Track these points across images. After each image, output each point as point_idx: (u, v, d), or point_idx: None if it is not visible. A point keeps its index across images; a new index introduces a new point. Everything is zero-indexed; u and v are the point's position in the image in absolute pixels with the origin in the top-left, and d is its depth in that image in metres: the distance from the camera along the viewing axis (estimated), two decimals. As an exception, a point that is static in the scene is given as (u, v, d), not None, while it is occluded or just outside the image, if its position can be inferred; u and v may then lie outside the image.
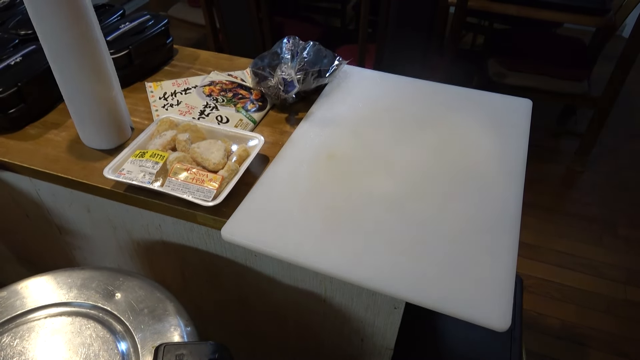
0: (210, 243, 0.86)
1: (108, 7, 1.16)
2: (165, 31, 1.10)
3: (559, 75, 1.94)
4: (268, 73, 0.92)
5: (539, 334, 1.48)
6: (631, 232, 1.80)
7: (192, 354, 0.61)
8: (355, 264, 0.66)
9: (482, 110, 0.94)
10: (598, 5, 1.72)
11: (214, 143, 0.80)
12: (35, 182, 0.93)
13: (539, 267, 1.68)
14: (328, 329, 0.91)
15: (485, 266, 0.66)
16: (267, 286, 0.88)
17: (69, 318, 0.70)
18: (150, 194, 0.79)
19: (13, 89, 0.89)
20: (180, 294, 0.78)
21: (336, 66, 0.97)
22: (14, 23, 1.09)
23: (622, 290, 1.60)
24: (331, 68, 0.96)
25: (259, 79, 0.95)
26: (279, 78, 0.89)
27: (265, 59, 0.95)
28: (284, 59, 0.92)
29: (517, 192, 0.76)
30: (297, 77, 0.89)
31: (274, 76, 0.90)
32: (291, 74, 0.88)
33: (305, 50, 0.94)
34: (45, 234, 1.08)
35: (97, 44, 0.78)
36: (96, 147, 0.88)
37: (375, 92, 1.00)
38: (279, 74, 0.89)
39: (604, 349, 1.44)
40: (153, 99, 0.99)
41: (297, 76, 0.89)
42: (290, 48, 0.94)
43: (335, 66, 0.97)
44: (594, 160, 2.12)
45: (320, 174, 0.80)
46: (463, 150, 0.85)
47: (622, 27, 2.77)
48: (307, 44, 0.96)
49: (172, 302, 0.73)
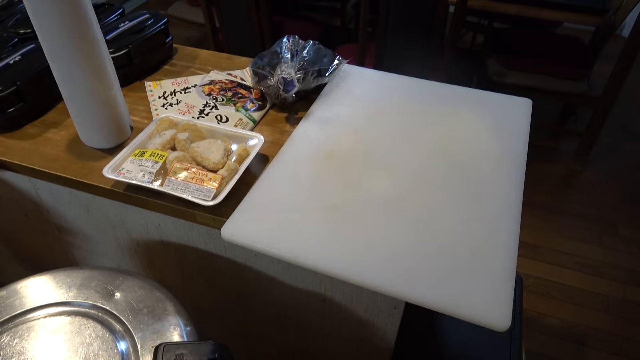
0: (209, 243, 0.86)
1: (107, 6, 1.16)
2: (164, 30, 1.09)
3: (559, 74, 1.94)
4: (268, 72, 0.92)
5: (539, 333, 1.48)
6: (631, 231, 1.80)
7: (191, 353, 0.61)
8: (355, 264, 0.66)
9: (482, 109, 0.94)
10: (598, 5, 1.72)
11: (214, 142, 0.80)
12: (35, 181, 0.92)
13: (539, 267, 1.68)
14: (328, 329, 0.91)
15: (485, 266, 0.66)
16: (267, 286, 0.88)
17: (69, 317, 0.70)
18: (149, 194, 0.79)
19: (12, 88, 0.88)
20: (180, 293, 0.78)
21: (336, 65, 0.97)
22: (13, 22, 1.09)
23: (621, 289, 1.60)
24: (331, 67, 0.96)
25: (258, 78, 0.94)
26: (279, 77, 0.89)
27: (265, 58, 0.95)
28: (283, 59, 0.92)
29: (517, 192, 0.76)
30: (297, 76, 0.89)
31: (273, 75, 0.90)
32: (291, 73, 0.88)
33: (305, 49, 0.94)
34: (44, 234, 1.08)
35: (96, 43, 0.77)
36: (95, 146, 0.88)
37: (375, 92, 1.00)
38: (279, 73, 0.88)
39: (604, 349, 1.44)
40: (152, 98, 0.99)
41: (297, 75, 0.89)
42: (290, 47, 0.94)
43: (335, 65, 0.97)
44: (593, 160, 2.12)
45: (320, 174, 0.80)
46: (463, 149, 0.85)
47: (621, 27, 2.77)
48: (307, 43, 0.96)
49: (172, 301, 0.72)
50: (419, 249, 0.68)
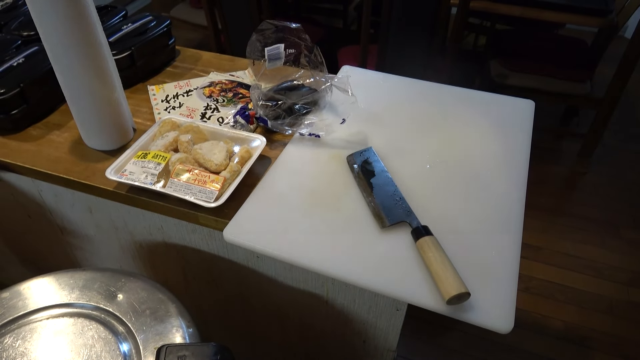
0: (212, 244, 0.86)
1: (110, 8, 1.16)
2: (167, 32, 1.10)
3: (562, 76, 1.94)
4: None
5: (542, 335, 1.48)
6: (634, 233, 1.79)
7: (194, 355, 0.61)
8: (357, 265, 0.66)
9: (485, 111, 0.94)
10: (600, 6, 1.71)
11: (216, 144, 0.80)
12: (38, 183, 0.93)
13: (542, 269, 1.67)
14: (330, 331, 0.91)
15: (487, 268, 0.66)
16: (269, 287, 0.88)
17: (71, 319, 0.70)
18: (152, 195, 0.79)
19: (15, 90, 0.89)
20: (182, 295, 0.78)
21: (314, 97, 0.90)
22: (17, 24, 1.09)
23: (624, 291, 1.60)
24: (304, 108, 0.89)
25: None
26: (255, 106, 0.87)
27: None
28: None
29: (520, 194, 0.76)
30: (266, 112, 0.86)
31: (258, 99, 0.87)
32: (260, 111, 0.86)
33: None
34: (47, 235, 1.08)
35: (99, 45, 0.78)
36: (98, 148, 0.88)
37: (377, 93, 1.00)
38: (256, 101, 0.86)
39: (607, 351, 1.44)
40: (155, 101, 0.99)
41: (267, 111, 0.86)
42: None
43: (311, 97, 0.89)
44: (596, 162, 2.11)
45: (323, 175, 0.80)
46: (465, 151, 0.84)
47: (624, 28, 2.77)
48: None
49: (174, 303, 0.73)
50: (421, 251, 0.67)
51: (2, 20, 1.12)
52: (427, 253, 0.65)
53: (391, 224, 0.70)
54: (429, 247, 0.65)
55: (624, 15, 1.78)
